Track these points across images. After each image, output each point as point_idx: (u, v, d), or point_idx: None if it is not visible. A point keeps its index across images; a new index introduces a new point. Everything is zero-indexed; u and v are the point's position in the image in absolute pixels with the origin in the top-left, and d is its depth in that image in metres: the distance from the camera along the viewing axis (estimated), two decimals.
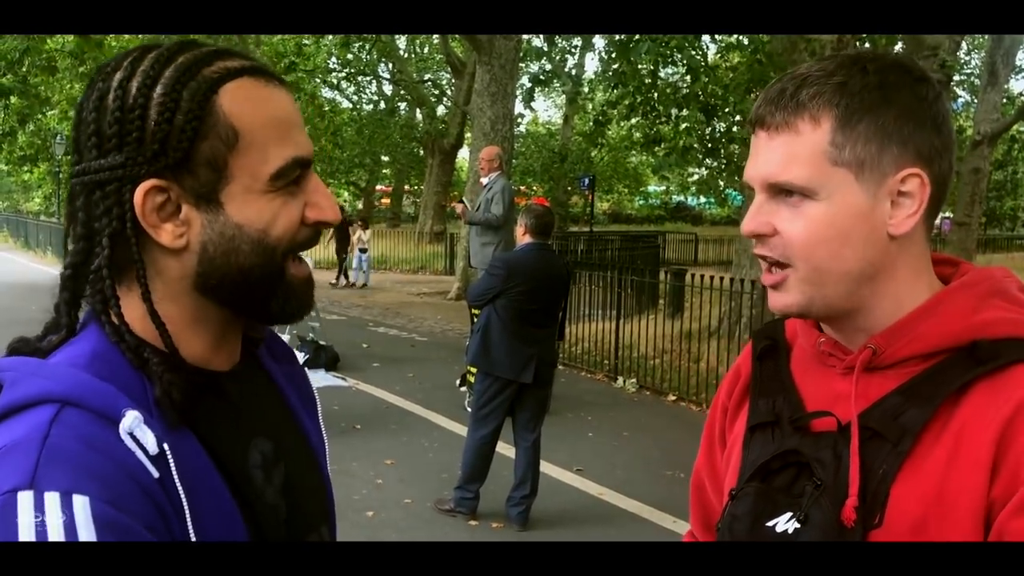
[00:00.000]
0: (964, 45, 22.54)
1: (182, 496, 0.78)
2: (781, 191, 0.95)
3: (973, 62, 28.68)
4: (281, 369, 1.05)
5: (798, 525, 0.92)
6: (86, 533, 0.70)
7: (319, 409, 1.09)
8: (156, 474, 0.77)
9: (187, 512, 0.78)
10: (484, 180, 7.77)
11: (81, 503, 0.71)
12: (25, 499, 0.70)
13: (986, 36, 19.18)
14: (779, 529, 0.93)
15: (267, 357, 1.04)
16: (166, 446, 0.78)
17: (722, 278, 8.36)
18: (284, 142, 0.85)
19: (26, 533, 0.69)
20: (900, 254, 0.96)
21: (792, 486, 0.95)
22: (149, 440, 0.77)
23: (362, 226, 17.46)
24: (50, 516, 0.70)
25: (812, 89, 0.93)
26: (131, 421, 0.77)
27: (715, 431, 1.19)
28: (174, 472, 0.78)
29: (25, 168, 29.74)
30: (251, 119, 0.83)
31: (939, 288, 0.99)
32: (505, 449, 5.31)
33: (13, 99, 15.23)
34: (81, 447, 0.74)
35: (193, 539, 0.78)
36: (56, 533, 0.69)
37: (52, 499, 0.70)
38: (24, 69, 14.17)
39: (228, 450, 0.87)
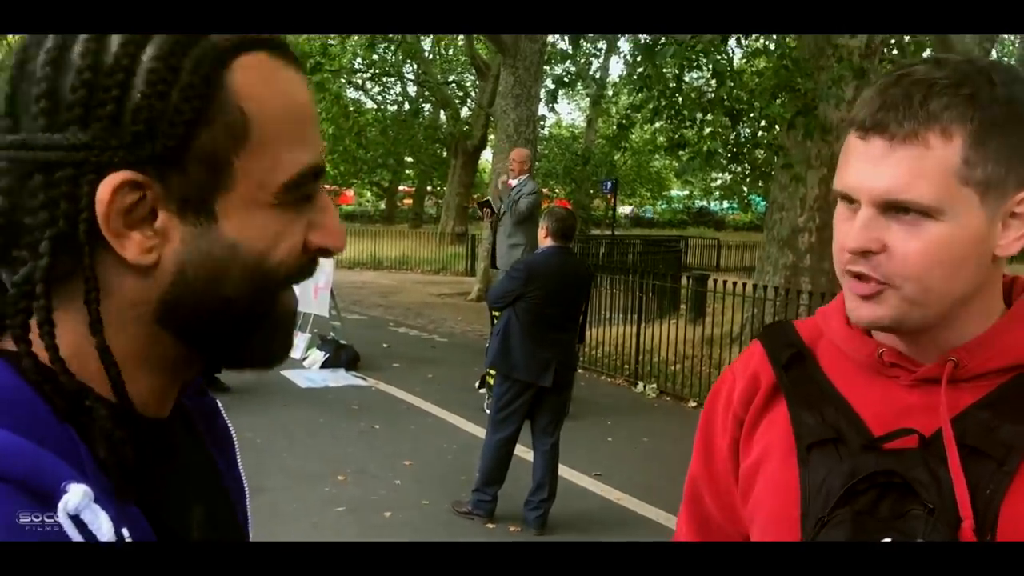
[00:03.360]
0: (994, 53, 22.27)
1: None
2: (896, 207, 0.88)
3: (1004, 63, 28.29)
4: (193, 405, 0.81)
5: None
6: None
7: (236, 449, 0.86)
8: None
9: None
10: (513, 181, 7.75)
11: None
12: None
13: (1016, 39, 18.92)
14: None
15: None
16: (125, 532, 0.57)
17: (744, 284, 8.32)
18: (302, 143, 0.66)
19: None
20: (994, 272, 0.93)
21: (876, 508, 0.89)
22: (103, 525, 0.55)
23: None
24: None
25: (943, 100, 0.85)
26: (79, 500, 0.54)
27: (718, 441, 1.11)
28: None
29: None
30: (269, 108, 0.64)
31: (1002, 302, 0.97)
32: (523, 452, 5.31)
33: None
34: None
35: None
36: None
37: None
38: None
39: (177, 527, 0.68)
